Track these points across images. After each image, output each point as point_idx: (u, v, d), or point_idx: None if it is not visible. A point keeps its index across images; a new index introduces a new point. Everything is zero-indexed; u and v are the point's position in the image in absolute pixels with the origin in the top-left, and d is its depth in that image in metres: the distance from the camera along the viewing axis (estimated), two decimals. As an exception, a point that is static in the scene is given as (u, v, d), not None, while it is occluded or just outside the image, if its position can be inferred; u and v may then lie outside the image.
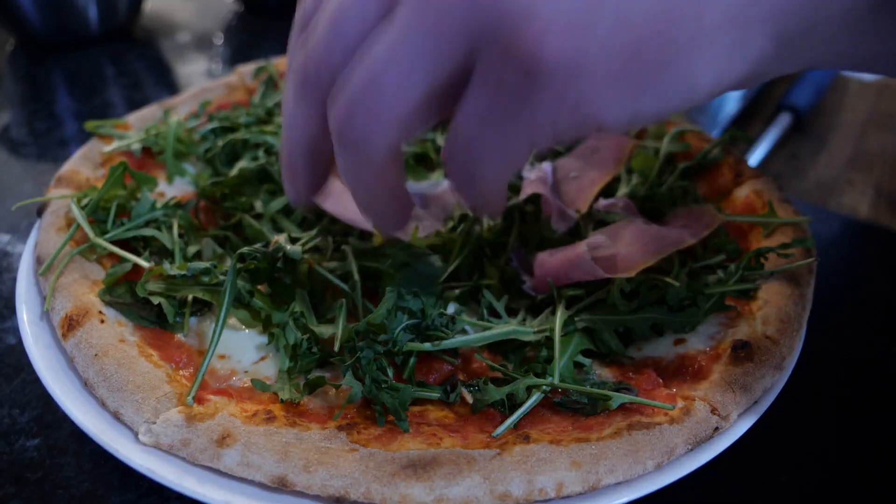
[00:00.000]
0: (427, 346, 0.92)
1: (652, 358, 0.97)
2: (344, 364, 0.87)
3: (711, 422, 0.85)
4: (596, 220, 1.19)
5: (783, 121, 1.86)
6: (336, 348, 0.91)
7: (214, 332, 0.92)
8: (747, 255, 1.05)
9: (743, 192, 1.25)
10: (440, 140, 1.37)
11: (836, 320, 1.26)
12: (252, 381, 0.90)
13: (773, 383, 0.92)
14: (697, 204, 1.24)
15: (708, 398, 0.87)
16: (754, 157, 1.77)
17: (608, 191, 1.27)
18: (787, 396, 0.93)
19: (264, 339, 0.99)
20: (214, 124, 1.35)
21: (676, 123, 1.43)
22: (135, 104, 1.53)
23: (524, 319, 1.02)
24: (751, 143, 1.79)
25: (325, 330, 0.94)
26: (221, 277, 0.99)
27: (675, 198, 1.26)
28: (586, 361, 0.95)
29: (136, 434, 0.82)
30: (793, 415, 1.05)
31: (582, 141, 1.39)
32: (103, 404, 0.86)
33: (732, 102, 1.93)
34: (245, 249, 1.00)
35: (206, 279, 1.00)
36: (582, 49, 0.56)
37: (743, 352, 0.92)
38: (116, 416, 0.85)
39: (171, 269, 0.99)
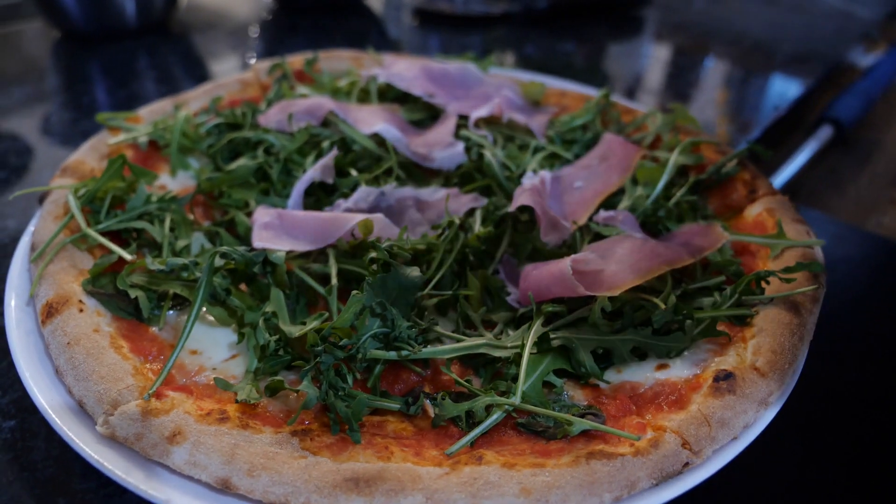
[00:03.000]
0: (392, 354, 0.90)
1: (630, 382, 0.92)
2: (304, 368, 0.86)
3: (681, 456, 0.80)
4: (593, 233, 1.14)
5: (824, 133, 1.75)
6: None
7: (185, 327, 0.93)
8: (746, 278, 0.99)
9: (755, 210, 1.18)
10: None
11: (852, 353, 1.17)
12: (215, 379, 0.90)
13: (757, 419, 0.86)
14: (706, 220, 1.18)
15: (681, 430, 0.82)
16: (788, 170, 1.67)
17: (611, 202, 1.22)
18: (776, 434, 0.86)
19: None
20: (220, 120, 1.36)
21: (693, 133, 1.36)
22: (163, 97, 1.56)
23: (501, 332, 0.99)
24: (784, 155, 1.69)
25: (294, 330, 0.93)
26: (200, 274, 0.99)
27: (682, 213, 1.19)
28: (558, 382, 0.91)
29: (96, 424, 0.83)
30: (781, 455, 0.98)
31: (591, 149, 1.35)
32: (70, 392, 0.88)
33: (768, 112, 1.83)
34: (224, 249, 1.00)
35: (185, 275, 1.00)
36: None
37: (725, 383, 0.86)
38: (81, 405, 0.86)
39: (151, 263, 1.00)
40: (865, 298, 1.35)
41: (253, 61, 2.11)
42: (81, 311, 0.96)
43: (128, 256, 1.03)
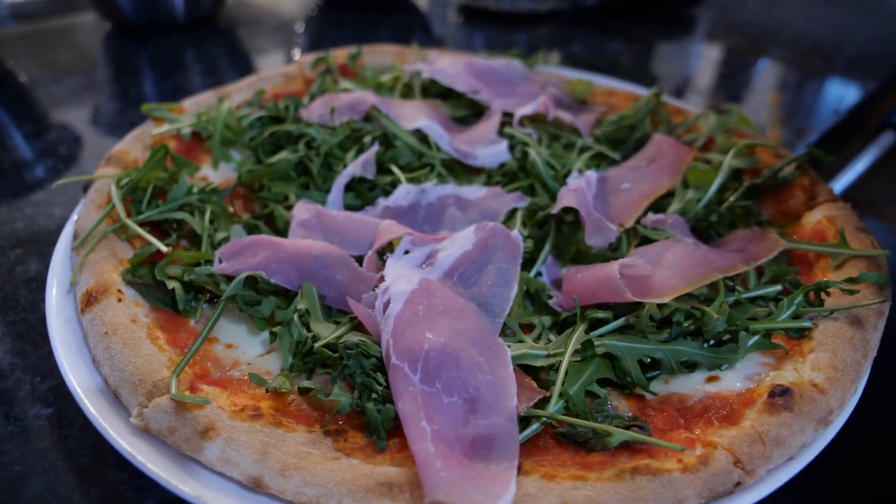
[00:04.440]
0: (427, 358, 0.87)
1: (678, 394, 0.88)
2: (332, 375, 0.84)
3: (733, 475, 0.75)
4: (641, 236, 1.10)
5: (886, 140, 1.67)
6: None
7: (204, 330, 0.92)
8: (804, 289, 0.93)
9: (815, 217, 1.11)
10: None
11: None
12: (250, 374, 0.88)
13: (815, 439, 0.81)
14: (760, 227, 1.12)
15: (733, 448, 0.77)
16: (846, 178, 1.59)
17: (660, 205, 1.17)
18: (835, 456, 0.81)
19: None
20: (263, 113, 1.35)
21: (748, 136, 1.30)
22: (207, 89, 1.57)
23: (539, 336, 0.95)
24: (843, 161, 1.61)
25: (324, 331, 0.91)
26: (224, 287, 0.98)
27: (735, 218, 1.14)
28: (602, 392, 0.87)
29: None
30: (840, 477, 0.92)
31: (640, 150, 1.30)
32: (106, 382, 0.87)
33: (826, 116, 1.75)
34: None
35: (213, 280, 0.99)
36: None
37: (781, 399, 0.81)
38: (116, 396, 0.86)
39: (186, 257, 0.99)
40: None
41: (298, 56, 2.11)
42: (120, 300, 0.96)
43: (164, 248, 1.02)
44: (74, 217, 1.13)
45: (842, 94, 1.93)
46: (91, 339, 0.92)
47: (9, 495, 0.85)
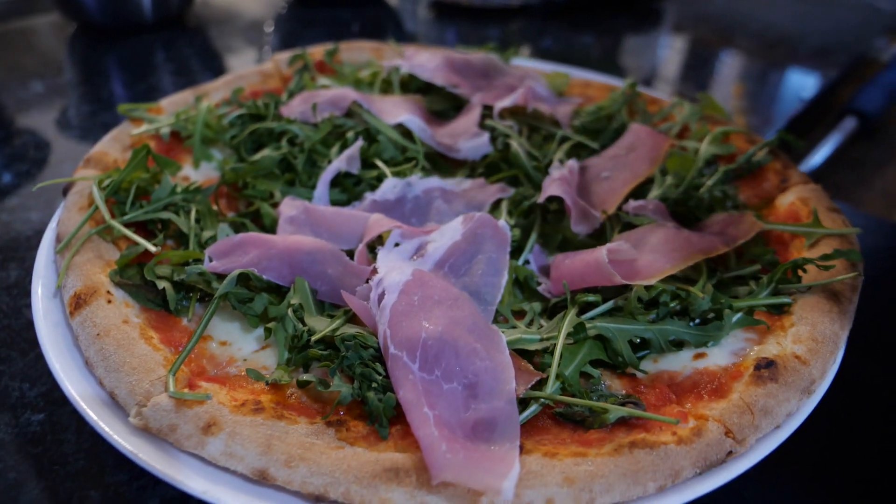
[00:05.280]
0: (425, 347, 0.88)
1: (668, 372, 0.91)
2: (330, 367, 0.85)
3: (725, 445, 0.78)
4: (623, 222, 1.13)
5: (848, 125, 1.73)
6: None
7: (203, 319, 0.92)
8: (782, 266, 0.97)
9: (788, 199, 1.16)
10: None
11: (885, 342, 1.16)
12: (247, 370, 0.89)
13: (800, 407, 0.84)
14: (737, 210, 1.16)
15: (723, 419, 0.80)
16: (812, 163, 1.65)
17: (639, 192, 1.21)
18: (817, 423, 0.85)
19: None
20: (243, 111, 1.34)
21: (722, 123, 1.34)
22: (180, 90, 1.55)
23: (531, 322, 0.97)
24: (808, 147, 1.67)
25: (318, 325, 0.91)
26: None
27: (712, 202, 1.18)
28: (595, 372, 0.89)
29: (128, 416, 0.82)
30: (822, 443, 0.96)
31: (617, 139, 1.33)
32: (101, 384, 0.86)
33: (790, 103, 1.81)
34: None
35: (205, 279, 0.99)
36: None
37: (767, 371, 0.84)
38: (112, 397, 0.85)
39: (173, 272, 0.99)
40: (893, 290, 1.33)
41: (270, 54, 2.10)
42: (110, 301, 0.95)
43: (152, 248, 1.01)
44: (55, 221, 1.12)
45: (804, 82, 2.00)
46: (83, 341, 0.91)
47: (5, 503, 0.84)
